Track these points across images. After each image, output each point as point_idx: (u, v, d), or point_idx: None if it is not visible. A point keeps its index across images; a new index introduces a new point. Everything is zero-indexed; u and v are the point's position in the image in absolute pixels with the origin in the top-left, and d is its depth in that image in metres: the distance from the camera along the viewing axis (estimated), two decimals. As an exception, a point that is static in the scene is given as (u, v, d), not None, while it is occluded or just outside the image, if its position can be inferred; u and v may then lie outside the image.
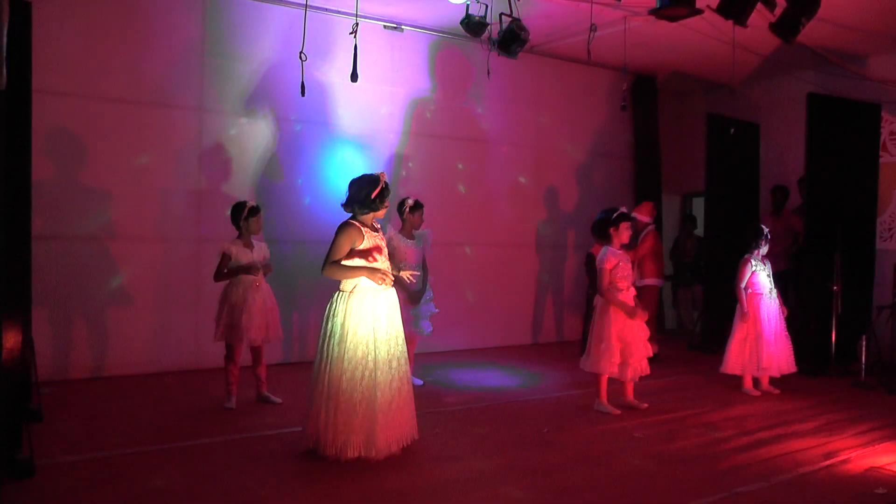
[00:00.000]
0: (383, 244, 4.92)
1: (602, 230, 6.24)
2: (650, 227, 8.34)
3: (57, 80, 6.79)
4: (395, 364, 4.78)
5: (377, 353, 4.69)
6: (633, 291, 6.16)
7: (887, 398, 7.00)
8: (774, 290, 7.03)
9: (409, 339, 6.42)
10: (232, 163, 7.73)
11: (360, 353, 4.66)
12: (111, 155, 7.11)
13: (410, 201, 6.86)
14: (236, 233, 6.15)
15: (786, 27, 6.29)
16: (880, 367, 7.78)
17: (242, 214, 6.08)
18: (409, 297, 6.61)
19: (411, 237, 6.83)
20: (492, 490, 4.30)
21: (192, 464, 4.69)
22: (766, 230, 7.08)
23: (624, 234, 6.11)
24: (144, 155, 7.29)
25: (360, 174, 4.97)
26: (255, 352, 6.22)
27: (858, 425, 5.93)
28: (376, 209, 4.84)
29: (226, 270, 6.02)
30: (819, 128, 8.07)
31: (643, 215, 8.28)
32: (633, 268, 6.91)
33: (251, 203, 6.17)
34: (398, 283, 5.07)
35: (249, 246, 6.10)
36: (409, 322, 6.65)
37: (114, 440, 5.11)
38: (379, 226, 5.00)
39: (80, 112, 6.96)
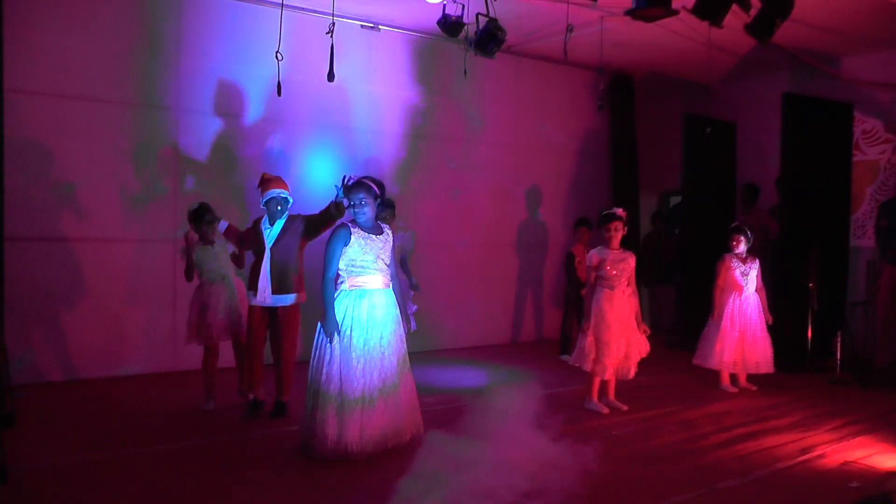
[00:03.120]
0: (379, 246, 4.89)
1: (598, 228, 6.38)
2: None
3: (29, 80, 6.70)
4: (375, 364, 4.77)
5: (353, 350, 4.71)
6: (622, 290, 6.13)
7: (862, 393, 7.09)
8: (750, 289, 7.08)
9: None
10: (208, 163, 7.67)
11: (336, 352, 4.72)
12: (85, 155, 7.03)
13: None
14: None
15: (760, 28, 6.36)
16: (855, 362, 7.88)
17: (202, 219, 5.99)
18: None
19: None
20: (471, 488, 4.29)
21: (170, 467, 4.65)
22: (744, 229, 7.13)
23: (608, 233, 6.12)
24: (119, 155, 7.20)
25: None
26: (238, 351, 6.18)
27: (834, 420, 6.00)
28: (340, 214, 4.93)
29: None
30: (794, 127, 8.16)
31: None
32: None
33: (196, 204, 6.06)
34: None
35: (211, 243, 6.04)
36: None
37: (89, 444, 5.06)
38: (384, 228, 4.99)
39: (53, 111, 6.86)
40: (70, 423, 5.60)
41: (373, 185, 4.90)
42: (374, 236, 4.88)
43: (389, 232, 5.02)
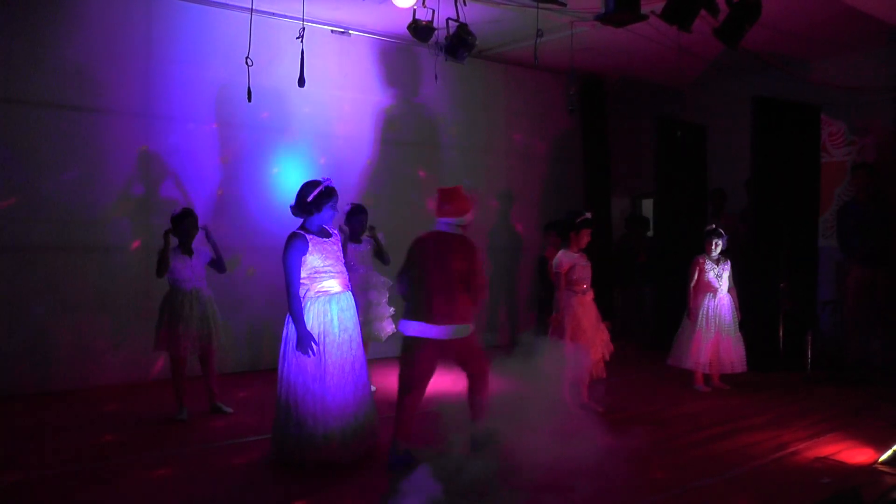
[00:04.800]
0: (333, 248, 4.89)
1: (563, 232, 6.35)
2: None
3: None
4: (348, 368, 4.77)
5: (327, 357, 4.69)
6: (591, 294, 6.23)
7: (833, 391, 7.18)
8: (724, 290, 7.15)
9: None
10: (179, 169, 7.59)
11: (312, 359, 4.66)
12: (54, 162, 6.93)
13: (347, 206, 6.84)
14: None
15: (729, 32, 6.41)
16: (826, 360, 7.99)
17: (176, 223, 5.99)
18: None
19: (359, 241, 6.81)
20: (448, 493, 4.28)
21: (145, 479, 4.60)
22: (720, 231, 7.19)
23: (583, 238, 6.20)
24: (88, 162, 7.11)
25: (308, 180, 4.95)
26: (204, 361, 6.12)
27: (806, 418, 6.09)
28: (310, 213, 4.80)
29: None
30: (764, 130, 8.26)
31: None
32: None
33: (179, 209, 6.07)
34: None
35: (189, 252, 6.02)
36: (374, 324, 6.68)
37: (61, 457, 4.98)
38: (331, 231, 4.98)
39: (18, 118, 6.76)
40: (40, 437, 5.50)
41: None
42: (326, 240, 4.86)
43: (336, 234, 5.02)
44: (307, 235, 4.75)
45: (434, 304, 4.66)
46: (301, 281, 4.74)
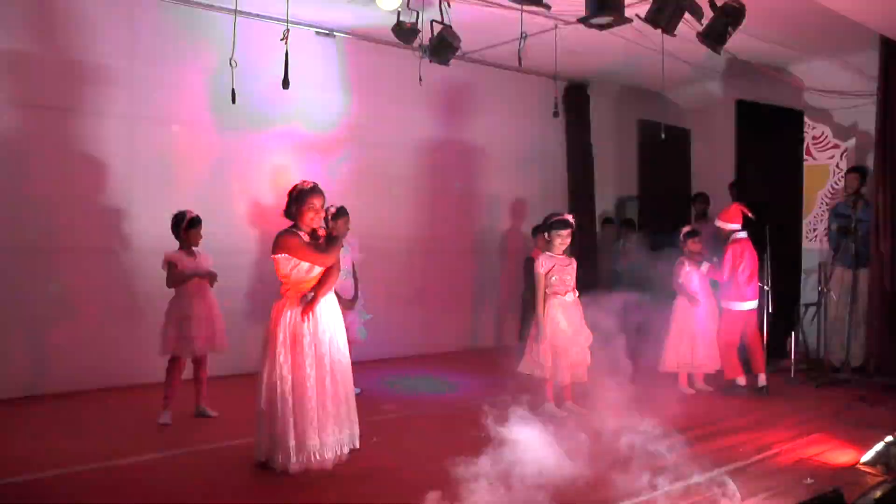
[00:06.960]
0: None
1: (542, 233, 6.38)
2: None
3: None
4: (330, 370, 4.74)
5: (309, 359, 4.67)
6: (573, 296, 6.21)
7: (815, 392, 7.22)
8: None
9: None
10: (166, 171, 7.54)
11: (289, 360, 4.65)
12: (40, 164, 6.86)
13: (332, 209, 6.82)
14: (177, 244, 6.04)
15: (713, 36, 6.45)
16: (808, 362, 8.03)
17: (182, 225, 5.98)
18: (344, 305, 6.56)
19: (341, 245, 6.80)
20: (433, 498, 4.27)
21: (130, 482, 4.57)
22: (699, 231, 7.24)
23: (562, 239, 6.18)
24: (75, 164, 7.05)
25: (297, 182, 4.96)
26: (198, 363, 6.11)
27: (788, 419, 6.12)
28: (302, 214, 4.82)
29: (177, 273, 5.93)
30: (747, 133, 8.32)
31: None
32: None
33: (191, 214, 6.06)
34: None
35: (192, 256, 6.02)
36: (349, 328, 6.62)
37: (49, 460, 4.93)
38: (320, 235, 4.98)
39: (5, 119, 6.69)
40: (29, 440, 5.45)
41: None
42: (317, 243, 4.87)
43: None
44: (299, 233, 4.80)
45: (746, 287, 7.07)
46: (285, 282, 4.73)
